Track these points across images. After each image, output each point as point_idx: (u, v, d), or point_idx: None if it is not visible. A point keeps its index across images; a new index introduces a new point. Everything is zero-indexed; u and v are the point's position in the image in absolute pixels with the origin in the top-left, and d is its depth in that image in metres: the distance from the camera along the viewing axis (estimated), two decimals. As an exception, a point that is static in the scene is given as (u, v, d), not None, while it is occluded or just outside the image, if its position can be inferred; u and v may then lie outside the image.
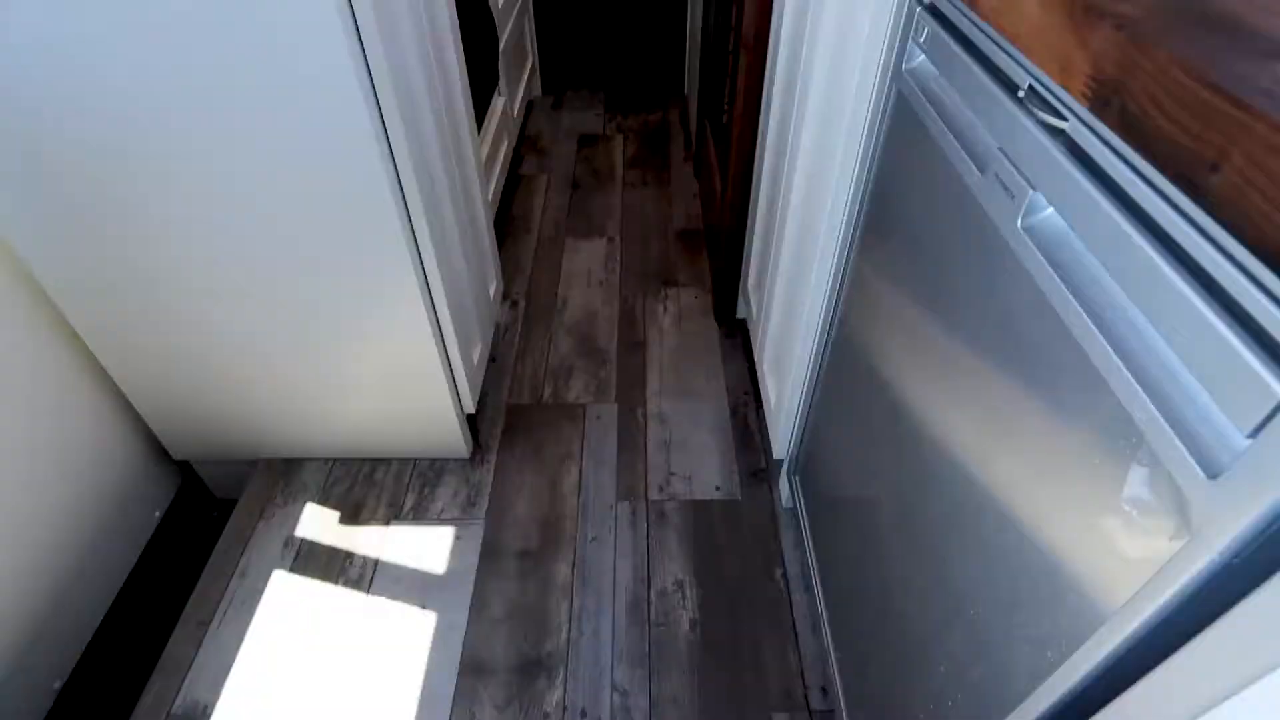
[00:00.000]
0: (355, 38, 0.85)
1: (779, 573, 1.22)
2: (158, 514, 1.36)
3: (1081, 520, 0.39)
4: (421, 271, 1.11)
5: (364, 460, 1.41)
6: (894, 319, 0.73)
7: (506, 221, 2.08)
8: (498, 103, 2.02)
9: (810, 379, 1.11)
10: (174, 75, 0.85)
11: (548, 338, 1.69)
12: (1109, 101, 0.33)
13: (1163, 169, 0.31)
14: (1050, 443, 0.43)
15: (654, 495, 1.35)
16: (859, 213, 0.85)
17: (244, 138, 0.91)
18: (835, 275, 0.96)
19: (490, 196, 1.80)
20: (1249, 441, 0.28)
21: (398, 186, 0.99)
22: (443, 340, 1.22)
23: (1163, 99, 0.30)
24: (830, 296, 0.99)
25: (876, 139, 0.78)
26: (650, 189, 2.24)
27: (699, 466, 1.40)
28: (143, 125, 0.90)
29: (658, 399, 1.54)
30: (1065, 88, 0.38)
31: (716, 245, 1.70)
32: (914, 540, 0.67)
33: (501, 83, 2.04)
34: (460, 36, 1.30)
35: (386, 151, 0.95)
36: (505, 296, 1.81)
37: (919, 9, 0.65)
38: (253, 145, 0.92)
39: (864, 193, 0.83)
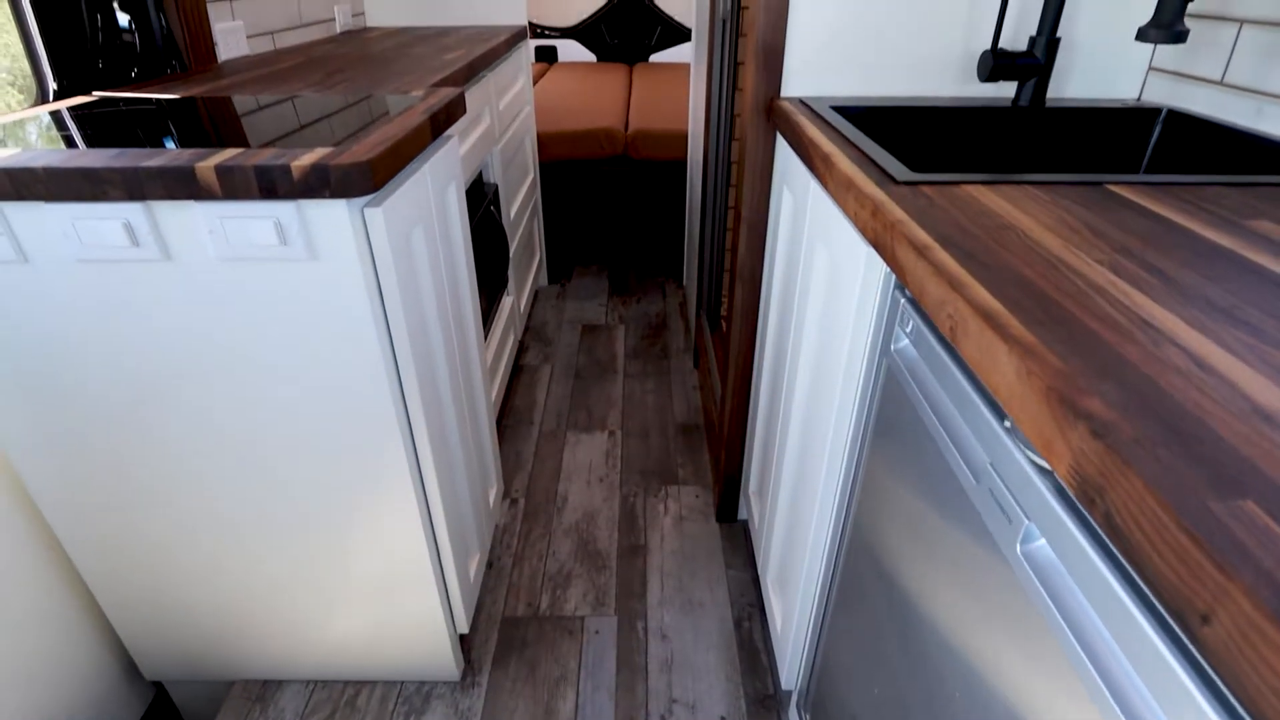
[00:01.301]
0: (381, 311, 0.91)
1: (793, 828, 1.11)
2: (120, 747, 1.26)
3: None
4: (421, 488, 1.11)
5: (346, 683, 1.33)
6: (902, 562, 0.72)
7: (508, 414, 2.12)
8: (505, 302, 2.13)
9: (818, 604, 1.08)
10: (192, 337, 0.91)
11: (546, 539, 1.66)
12: (1094, 502, 0.35)
13: (1155, 595, 0.32)
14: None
15: (655, 728, 1.26)
16: (860, 452, 0.87)
17: (252, 379, 0.95)
18: (840, 507, 0.96)
19: (494, 396, 1.85)
20: None
21: (403, 407, 1.02)
22: (439, 556, 1.20)
23: (1147, 529, 0.31)
24: (836, 527, 0.99)
25: (871, 403, 0.81)
26: (651, 380, 2.30)
27: (703, 692, 1.32)
28: (158, 371, 0.94)
29: (659, 611, 1.48)
30: (1050, 465, 0.40)
31: (717, 447, 1.72)
32: None
33: (510, 284, 2.17)
34: (475, 268, 1.40)
35: (395, 376, 0.99)
36: (505, 494, 1.80)
37: (902, 300, 0.71)
38: (259, 383, 0.96)
39: (864, 435, 0.86)
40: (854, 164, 0.81)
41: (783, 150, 1.19)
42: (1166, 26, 0.89)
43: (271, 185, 0.79)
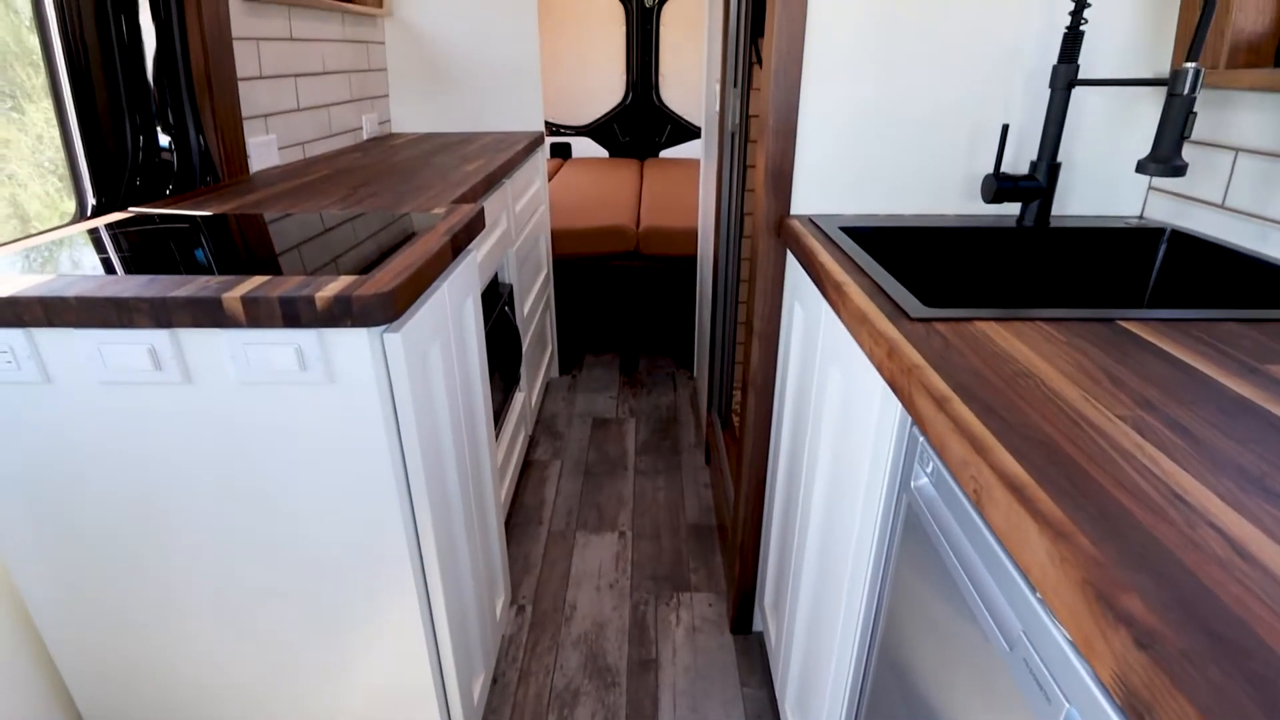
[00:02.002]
0: (395, 432, 0.92)
1: None
2: None
3: None
4: (426, 606, 1.07)
5: (341, 814, 1.25)
6: (933, 709, 0.68)
7: (517, 512, 2.09)
8: (517, 398, 2.13)
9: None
10: (204, 454, 0.91)
11: (554, 652, 1.60)
12: (1143, 718, 0.34)
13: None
14: None
15: None
16: (883, 585, 0.84)
17: (260, 496, 0.95)
18: (863, 637, 0.93)
19: (504, 496, 1.83)
20: None
21: (412, 523, 1.00)
22: (442, 677, 1.15)
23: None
24: (859, 658, 0.94)
25: (892, 536, 0.79)
26: (662, 476, 2.27)
27: (718, 830, 1.23)
28: (167, 486, 0.94)
29: (670, 734, 1.41)
30: (1091, 666, 0.38)
31: (731, 554, 1.68)
32: None
33: (522, 380, 2.18)
34: (488, 371, 1.41)
35: (405, 494, 0.97)
36: (511, 602, 1.75)
37: (921, 439, 0.70)
38: (266, 500, 0.95)
39: (887, 568, 0.83)
40: (867, 296, 0.82)
41: (793, 267, 1.21)
42: (1164, 161, 0.91)
43: (295, 314, 0.81)
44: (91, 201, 1.29)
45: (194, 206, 1.28)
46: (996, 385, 0.61)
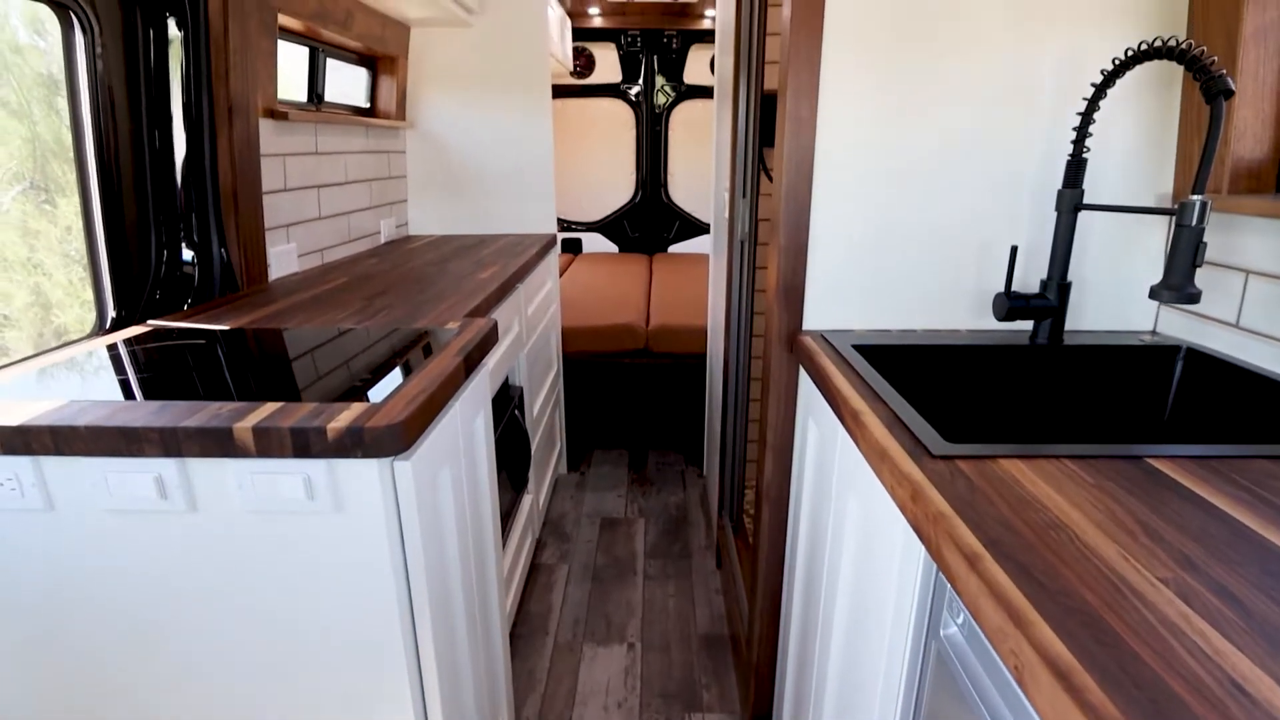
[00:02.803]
0: (401, 559, 0.89)
1: None
2: None
3: None
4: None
5: None
6: None
7: (523, 621, 2.01)
8: (525, 501, 2.09)
9: None
10: (205, 581, 0.88)
11: (558, 783, 1.49)
12: None
13: None
14: None
15: None
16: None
17: (260, 620, 0.91)
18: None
19: (509, 606, 1.76)
20: None
21: (414, 648, 0.95)
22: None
23: None
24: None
25: (921, 686, 0.74)
26: (672, 582, 2.20)
27: None
28: (163, 610, 0.90)
29: None
30: None
31: (745, 673, 1.59)
32: None
33: (530, 482, 2.15)
34: (497, 478, 1.39)
35: (409, 618, 0.93)
36: (514, 722, 1.65)
37: (949, 589, 0.67)
38: (266, 624, 0.91)
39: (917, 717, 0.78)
40: (885, 428, 0.81)
41: (806, 383, 1.21)
42: (1177, 289, 0.91)
43: (306, 445, 0.80)
44: (111, 314, 1.31)
45: (211, 320, 1.30)
46: (1029, 539, 0.58)
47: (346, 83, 2.25)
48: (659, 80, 4.62)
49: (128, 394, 0.93)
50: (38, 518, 0.87)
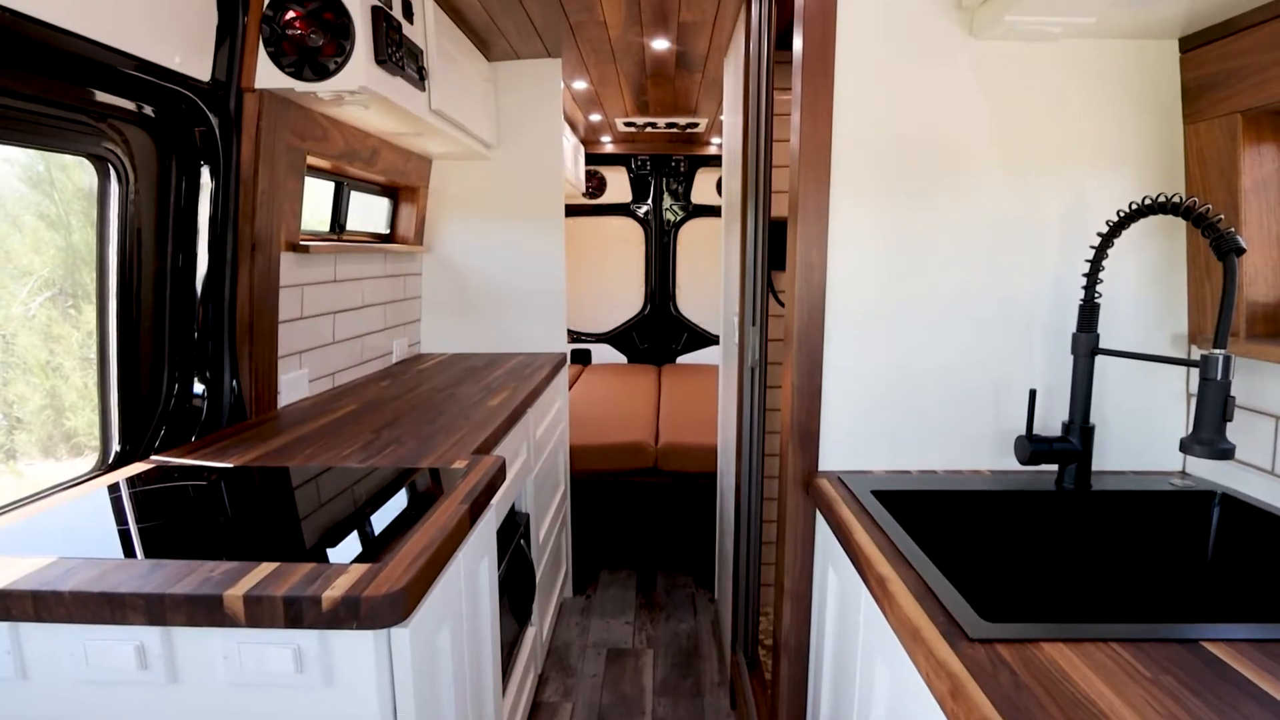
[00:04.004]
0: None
1: None
2: None
3: None
4: None
5: None
6: None
7: (522, 772, 1.86)
8: (528, 634, 1.99)
9: None
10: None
11: None
12: None
13: None
14: None
15: None
16: None
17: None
18: None
19: (508, 760, 1.63)
20: None
21: None
22: None
23: None
24: None
25: None
26: (683, 726, 2.04)
27: None
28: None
29: None
30: None
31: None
32: None
33: (534, 613, 2.05)
34: (499, 630, 1.31)
35: None
36: None
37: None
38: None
39: None
40: (915, 601, 0.76)
41: (824, 527, 1.16)
42: (1209, 444, 0.88)
43: (298, 616, 0.75)
44: (116, 448, 1.29)
45: (217, 455, 1.28)
46: (1088, 758, 0.52)
47: (368, 209, 2.34)
48: (667, 200, 4.81)
49: (125, 543, 0.90)
50: (8, 686, 0.81)
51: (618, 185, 4.81)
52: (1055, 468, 1.20)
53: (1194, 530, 1.12)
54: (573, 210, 4.72)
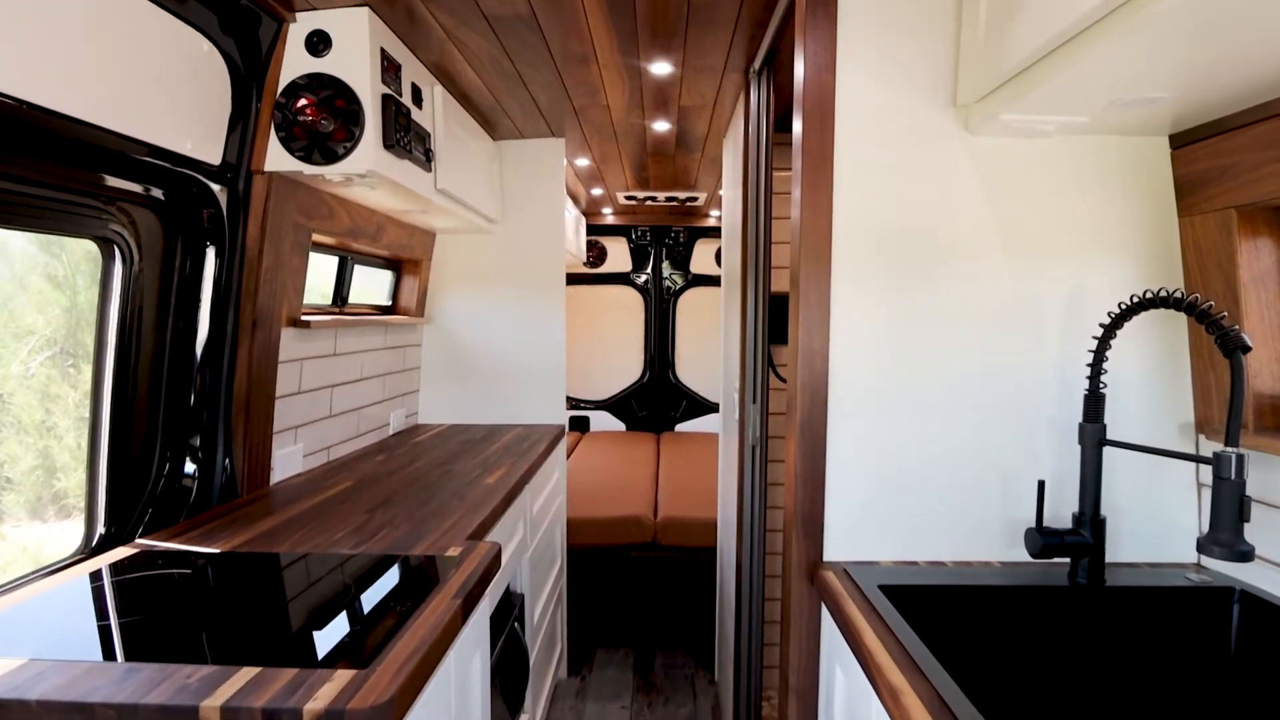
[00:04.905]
0: None
1: None
2: None
3: None
4: None
5: None
6: None
7: None
8: (520, 724, 1.90)
9: None
10: None
11: None
12: None
13: None
14: None
15: None
16: None
17: None
18: None
19: None
20: None
21: None
22: None
23: None
24: None
25: None
26: (682, 826, 1.93)
27: None
28: None
29: None
30: None
31: None
32: None
33: (527, 699, 1.96)
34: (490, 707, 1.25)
35: None
36: None
37: None
38: None
39: None
40: (931, 718, 0.72)
41: (830, 624, 1.11)
42: (1227, 545, 0.86)
43: (278, 729, 0.71)
44: (101, 530, 1.26)
45: (204, 538, 1.24)
46: None
47: (370, 279, 2.36)
48: (666, 269, 4.87)
49: (104, 639, 0.86)
50: (-35, 803, 0.76)
51: (618, 254, 4.88)
52: (1067, 560, 1.17)
53: (1214, 628, 1.08)
54: (573, 279, 4.78)
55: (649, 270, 4.87)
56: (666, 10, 1.51)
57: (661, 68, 1.87)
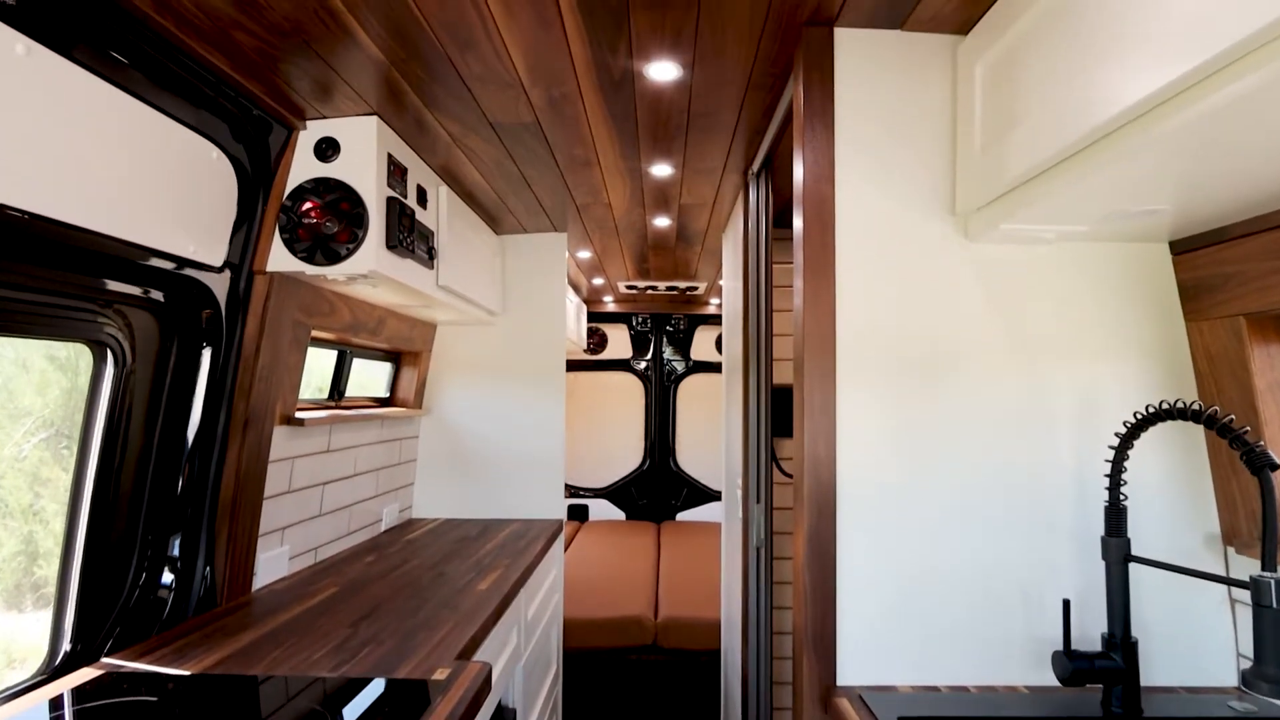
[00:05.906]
0: None
1: None
2: None
3: None
4: None
5: None
6: None
7: None
8: None
9: None
10: None
11: None
12: None
13: None
14: None
15: None
16: None
17: None
18: None
19: None
20: None
21: None
22: None
23: None
24: None
25: None
26: None
27: None
28: None
29: None
30: None
31: None
32: None
33: (517, 829, 1.80)
34: None
35: None
36: None
37: None
38: None
39: None
40: None
41: (849, 758, 1.03)
42: (1275, 681, 0.79)
43: None
44: (66, 648, 1.18)
45: (175, 657, 1.17)
46: None
47: (367, 370, 2.34)
48: (667, 355, 4.88)
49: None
50: None
51: (619, 342, 4.90)
52: (1099, 685, 1.09)
53: (1265, 768, 0.99)
54: (574, 365, 4.77)
55: (649, 357, 4.88)
56: (667, 119, 1.55)
57: (662, 170, 1.91)
